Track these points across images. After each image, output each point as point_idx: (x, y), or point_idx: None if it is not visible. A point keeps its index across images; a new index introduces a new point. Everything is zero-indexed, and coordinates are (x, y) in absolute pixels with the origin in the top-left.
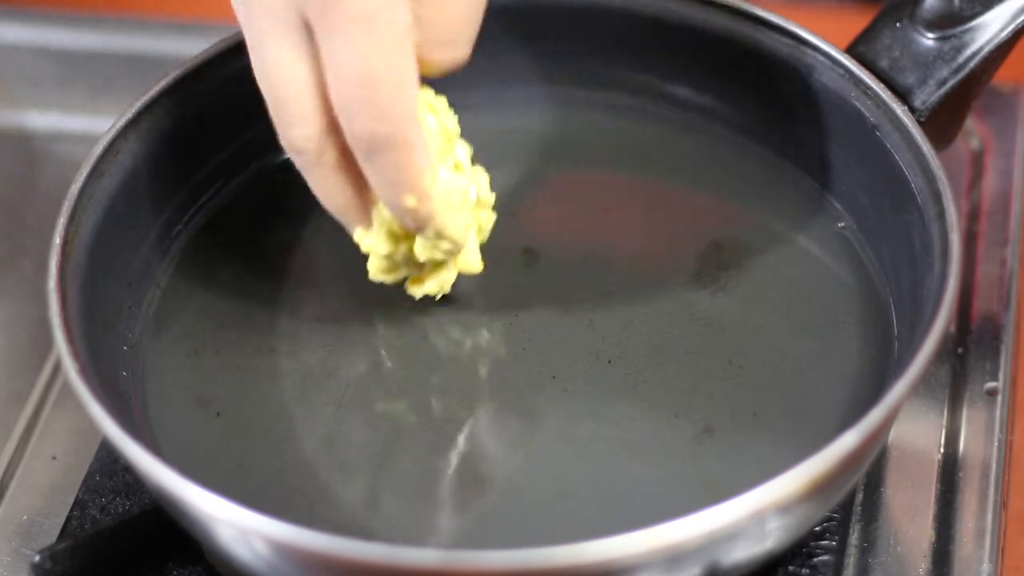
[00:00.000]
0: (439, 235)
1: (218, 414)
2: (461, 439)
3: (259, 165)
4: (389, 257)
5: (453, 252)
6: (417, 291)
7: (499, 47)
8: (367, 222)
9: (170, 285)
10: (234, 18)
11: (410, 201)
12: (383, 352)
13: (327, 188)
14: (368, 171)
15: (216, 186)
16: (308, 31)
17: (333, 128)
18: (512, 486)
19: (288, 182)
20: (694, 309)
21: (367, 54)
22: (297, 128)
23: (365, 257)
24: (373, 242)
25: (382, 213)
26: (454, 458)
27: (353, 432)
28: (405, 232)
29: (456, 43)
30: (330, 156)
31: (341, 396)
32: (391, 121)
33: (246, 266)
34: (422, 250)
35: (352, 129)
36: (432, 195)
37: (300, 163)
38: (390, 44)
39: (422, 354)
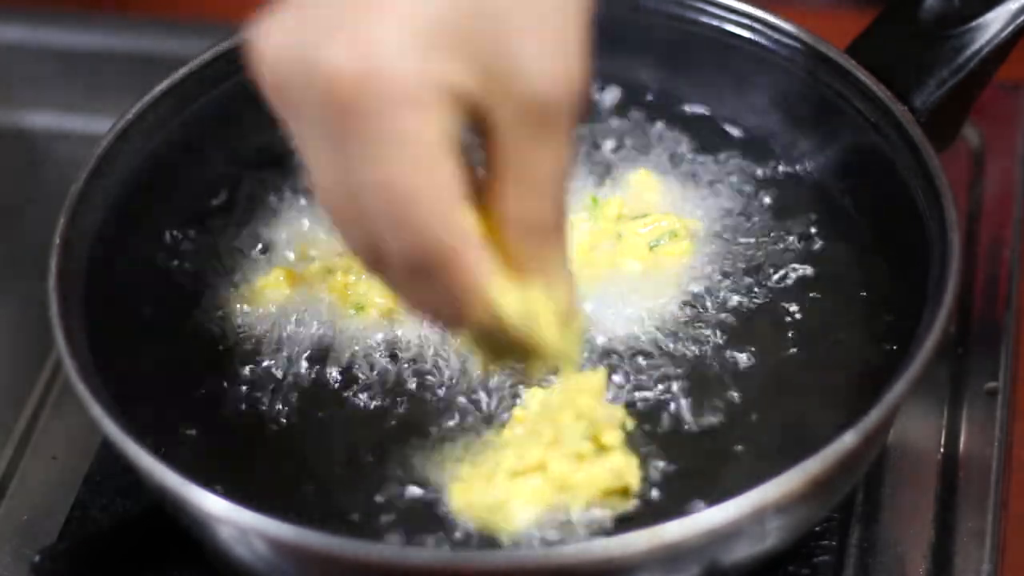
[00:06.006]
0: (534, 354)
1: (218, 413)
2: (459, 434)
3: (259, 165)
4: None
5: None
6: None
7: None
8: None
9: (170, 284)
10: (234, 18)
11: (476, 322)
12: (382, 349)
13: (406, 297)
14: (414, 300)
15: (216, 186)
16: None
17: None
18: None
19: (286, 177)
20: (693, 306)
21: (395, 173)
22: (348, 241)
23: None
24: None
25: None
26: (451, 450)
27: (354, 431)
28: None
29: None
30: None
31: (341, 395)
32: (430, 240)
33: None
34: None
35: (390, 252)
36: (503, 311)
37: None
38: (422, 158)
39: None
